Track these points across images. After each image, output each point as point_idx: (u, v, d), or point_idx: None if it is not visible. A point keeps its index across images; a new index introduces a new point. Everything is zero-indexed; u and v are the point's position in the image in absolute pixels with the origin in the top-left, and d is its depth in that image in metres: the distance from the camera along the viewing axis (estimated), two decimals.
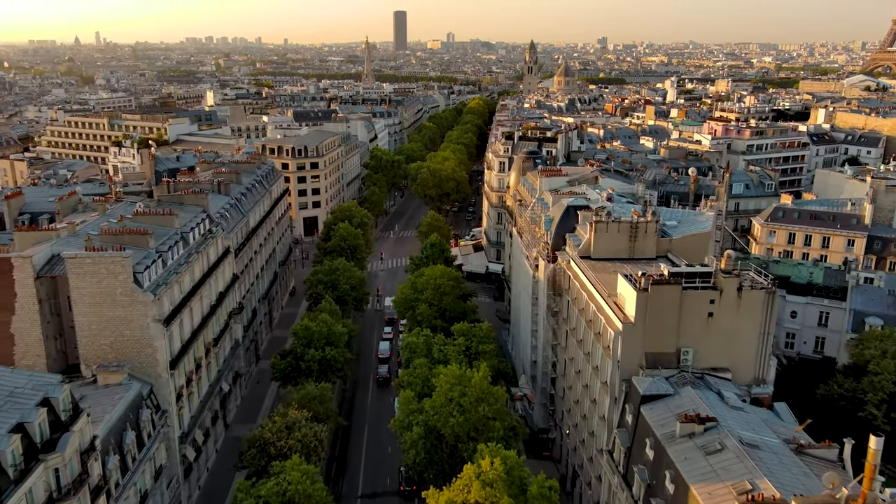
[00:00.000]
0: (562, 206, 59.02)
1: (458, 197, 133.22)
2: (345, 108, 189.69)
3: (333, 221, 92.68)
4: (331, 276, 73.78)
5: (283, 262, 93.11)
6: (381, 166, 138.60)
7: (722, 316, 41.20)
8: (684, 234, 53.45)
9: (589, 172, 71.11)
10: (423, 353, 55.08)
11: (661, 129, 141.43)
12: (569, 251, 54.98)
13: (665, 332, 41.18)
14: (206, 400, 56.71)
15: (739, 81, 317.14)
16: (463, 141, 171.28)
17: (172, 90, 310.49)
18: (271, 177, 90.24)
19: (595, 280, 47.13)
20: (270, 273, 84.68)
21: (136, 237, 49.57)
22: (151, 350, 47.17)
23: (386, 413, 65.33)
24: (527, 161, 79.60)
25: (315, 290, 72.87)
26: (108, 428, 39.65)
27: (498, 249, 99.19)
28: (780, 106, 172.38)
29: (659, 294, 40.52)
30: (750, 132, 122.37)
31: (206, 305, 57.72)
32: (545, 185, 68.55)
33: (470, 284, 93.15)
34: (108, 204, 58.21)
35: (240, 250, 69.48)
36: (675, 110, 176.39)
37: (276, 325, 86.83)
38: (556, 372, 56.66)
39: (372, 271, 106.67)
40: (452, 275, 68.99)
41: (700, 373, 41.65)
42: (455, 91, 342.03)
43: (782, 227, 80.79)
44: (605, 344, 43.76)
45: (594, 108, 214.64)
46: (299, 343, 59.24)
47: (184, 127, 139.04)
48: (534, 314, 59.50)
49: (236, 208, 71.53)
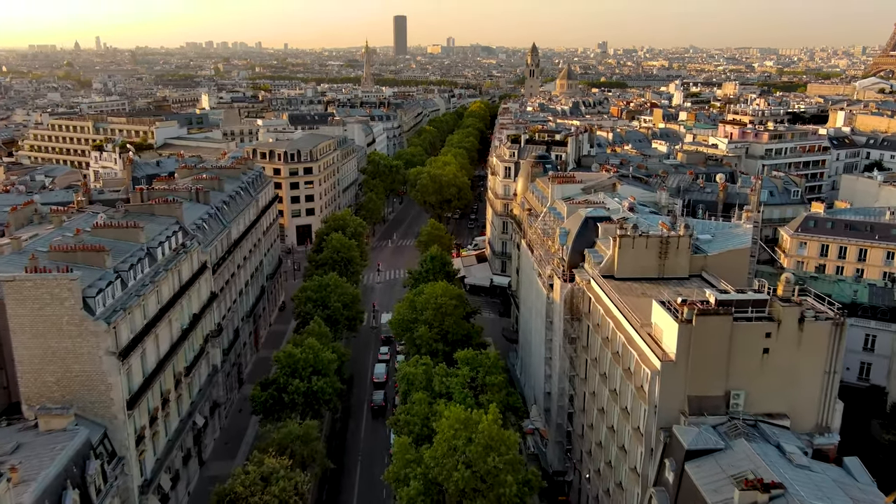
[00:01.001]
0: (579, 217, 52.27)
1: (459, 204, 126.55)
2: (342, 112, 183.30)
3: (326, 231, 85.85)
4: (321, 293, 66.93)
5: (272, 276, 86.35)
6: (378, 171, 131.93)
7: (780, 352, 34.46)
8: (720, 250, 46.75)
9: (606, 179, 64.44)
10: (423, 384, 48.34)
11: (672, 133, 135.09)
12: (588, 269, 48.26)
13: (712, 371, 34.43)
14: (177, 438, 49.89)
15: (745, 85, 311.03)
16: (464, 145, 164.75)
17: (168, 93, 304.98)
18: (259, 183, 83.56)
19: (622, 305, 40.39)
20: (256, 288, 77.90)
21: (91, 255, 42.91)
22: (105, 388, 40.40)
23: (381, 449, 58.45)
24: (536, 166, 72.96)
25: (303, 308, 66.00)
26: (42, 490, 32.79)
27: (503, 261, 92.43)
28: (795, 108, 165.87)
29: (705, 327, 33.77)
30: (768, 135, 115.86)
31: (177, 330, 50.97)
32: (557, 192, 61.87)
33: (473, 299, 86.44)
34: (66, 215, 51.44)
35: (219, 265, 62.74)
36: (683, 113, 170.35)
37: (264, 344, 79.98)
38: (573, 406, 49.84)
39: (368, 284, 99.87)
40: (455, 292, 62.18)
41: (753, 420, 34.88)
42: (455, 95, 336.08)
43: (814, 238, 74.06)
44: (638, 384, 36.97)
45: (599, 112, 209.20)
46: (282, 372, 52.44)
47: (172, 130, 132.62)
48: (547, 339, 52.72)
49: (216, 218, 64.82)
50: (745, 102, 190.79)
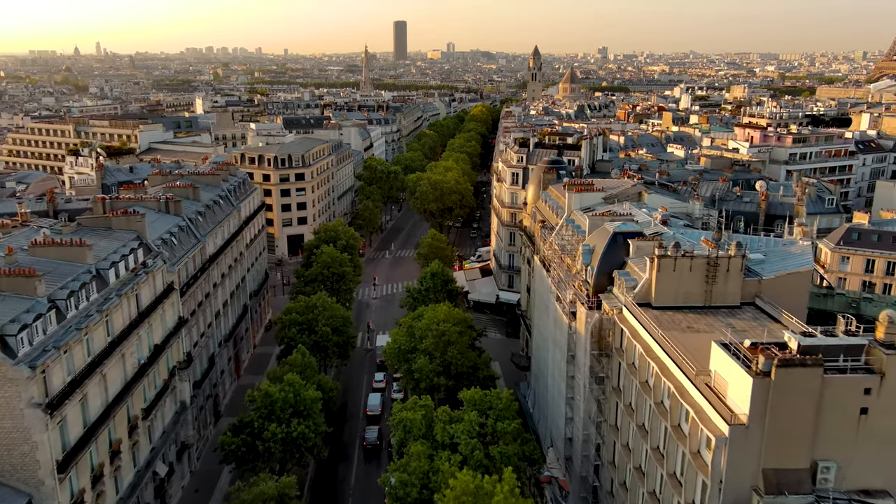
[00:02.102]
0: (605, 232, 44.62)
1: (462, 213, 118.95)
2: (339, 115, 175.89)
3: (316, 244, 78.01)
4: (308, 316, 59.11)
5: (258, 292, 78.65)
6: (375, 177, 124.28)
7: (882, 412, 26.81)
8: (777, 272, 39.10)
9: (630, 186, 56.83)
10: (422, 432, 40.62)
11: (686, 136, 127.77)
12: (618, 294, 40.59)
13: (795, 438, 26.76)
14: (131, 494, 42.13)
15: (752, 88, 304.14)
16: (466, 149, 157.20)
17: (162, 97, 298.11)
18: (242, 190, 76.05)
19: (668, 344, 32.72)
20: (238, 308, 70.23)
21: (19, 281, 35.33)
22: (28, 448, 32.71)
23: (375, 499, 50.60)
24: (548, 172, 65.41)
25: (287, 333, 58.17)
26: None
27: (510, 275, 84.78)
28: (814, 111, 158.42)
29: (788, 382, 26.10)
30: (791, 139, 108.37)
31: (133, 365, 43.31)
32: (575, 202, 54.28)
33: (478, 317, 78.85)
34: (1, 231, 43.82)
35: (191, 284, 55.07)
36: (695, 116, 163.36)
37: (247, 369, 72.27)
38: (601, 458, 42.07)
39: (363, 300, 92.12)
40: (458, 316, 54.36)
41: (846, 498, 27.19)
42: (456, 98, 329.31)
43: (858, 252, 66.64)
44: (695, 449, 29.26)
45: (605, 115, 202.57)
46: (257, 415, 44.69)
47: (157, 134, 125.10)
48: (569, 376, 44.99)
49: (188, 231, 57.21)
50: (757, 105, 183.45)
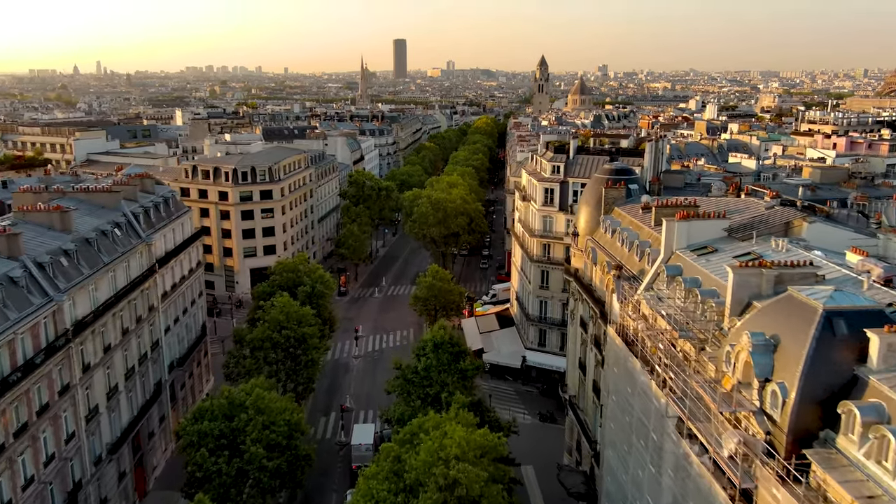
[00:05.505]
0: (808, 311, 21.47)
1: (471, 239, 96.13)
2: (326, 125, 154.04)
3: (268, 290, 54.47)
4: (230, 426, 35.35)
5: (185, 358, 55.12)
6: (363, 195, 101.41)
7: None
8: None
9: (764, 210, 33.90)
10: None
11: (741, 145, 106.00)
12: (854, 454, 17.47)
13: None
14: None
15: (786, 99, 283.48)
16: (472, 163, 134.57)
17: (142, 110, 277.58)
18: (162, 214, 53.15)
19: None
20: (143, 392, 46.86)
21: None
22: None
23: None
24: (613, 187, 42.53)
25: (193, 458, 34.44)
26: None
27: (542, 329, 61.55)
28: (886, 116, 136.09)
29: None
30: (887, 146, 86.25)
31: None
32: (681, 236, 31.46)
33: (496, 386, 55.94)
34: None
35: (25, 376, 31.84)
36: (735, 125, 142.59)
37: (161, 481, 48.75)
38: None
39: (340, 359, 68.30)
40: (483, 443, 30.53)
41: None
42: (458, 111, 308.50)
43: None
44: None
45: (624, 126, 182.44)
46: None
47: (98, 143, 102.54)
48: None
49: (28, 287, 34.15)
50: (803, 110, 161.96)
